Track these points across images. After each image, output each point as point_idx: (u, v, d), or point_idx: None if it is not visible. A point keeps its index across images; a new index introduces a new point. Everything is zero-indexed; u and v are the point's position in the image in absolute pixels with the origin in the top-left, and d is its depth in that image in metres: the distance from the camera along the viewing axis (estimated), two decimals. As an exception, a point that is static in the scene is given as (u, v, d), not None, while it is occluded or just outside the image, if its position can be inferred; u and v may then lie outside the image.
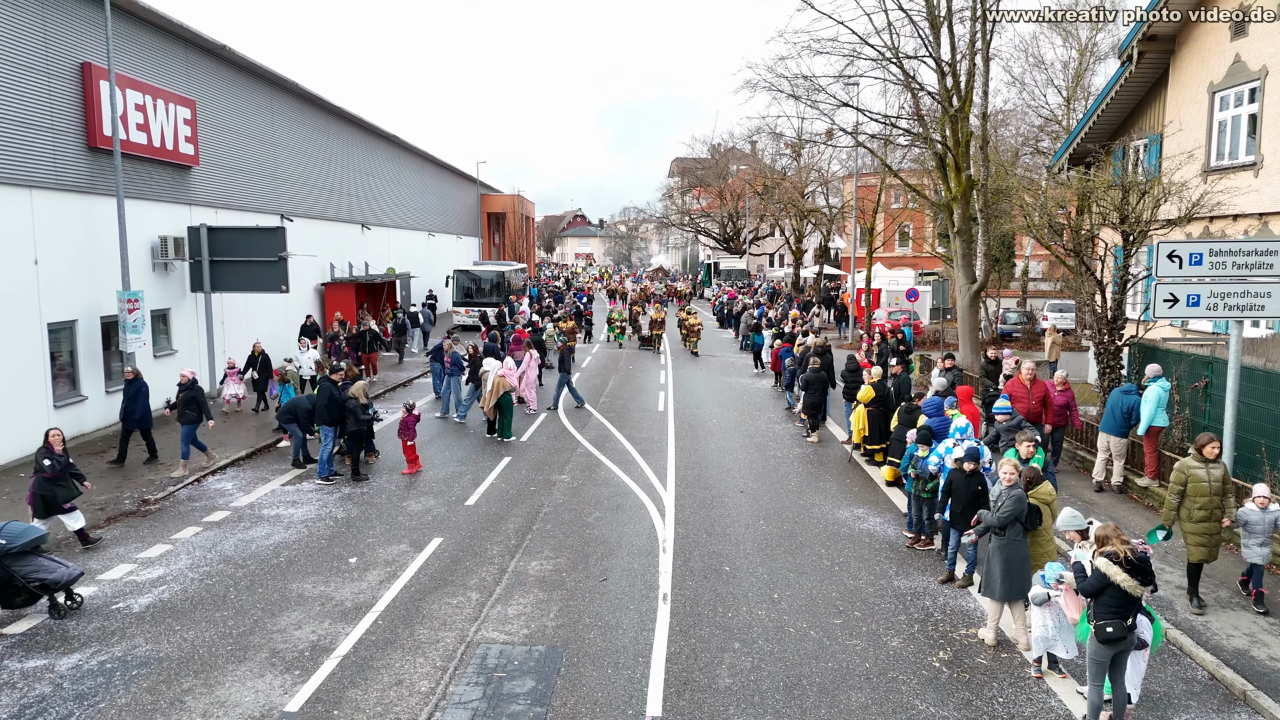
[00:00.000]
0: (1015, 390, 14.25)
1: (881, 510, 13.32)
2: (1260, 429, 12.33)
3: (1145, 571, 6.96)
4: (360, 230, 36.39)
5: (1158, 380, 13.34)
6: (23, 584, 9.23)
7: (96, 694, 7.83)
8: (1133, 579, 6.86)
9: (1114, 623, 6.93)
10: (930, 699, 7.80)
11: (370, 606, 9.72)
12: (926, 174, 34.89)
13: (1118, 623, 6.92)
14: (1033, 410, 14.05)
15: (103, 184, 18.24)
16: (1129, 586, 6.85)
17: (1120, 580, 6.85)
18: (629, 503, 13.70)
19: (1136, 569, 6.90)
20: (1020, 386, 14.34)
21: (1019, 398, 14.03)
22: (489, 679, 8.11)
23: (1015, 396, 13.95)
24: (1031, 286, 47.43)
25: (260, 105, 26.48)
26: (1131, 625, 6.98)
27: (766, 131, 39.93)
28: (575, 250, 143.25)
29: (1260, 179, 16.47)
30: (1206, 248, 11.59)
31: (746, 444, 17.81)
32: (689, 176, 75.82)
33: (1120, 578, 6.86)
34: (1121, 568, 6.88)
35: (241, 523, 12.75)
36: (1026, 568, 8.54)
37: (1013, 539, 8.56)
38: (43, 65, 16.62)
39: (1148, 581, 6.98)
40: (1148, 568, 7.00)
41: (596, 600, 9.90)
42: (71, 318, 17.44)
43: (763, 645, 8.83)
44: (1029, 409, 13.97)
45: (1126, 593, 6.88)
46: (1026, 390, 14.27)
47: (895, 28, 24.09)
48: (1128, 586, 6.85)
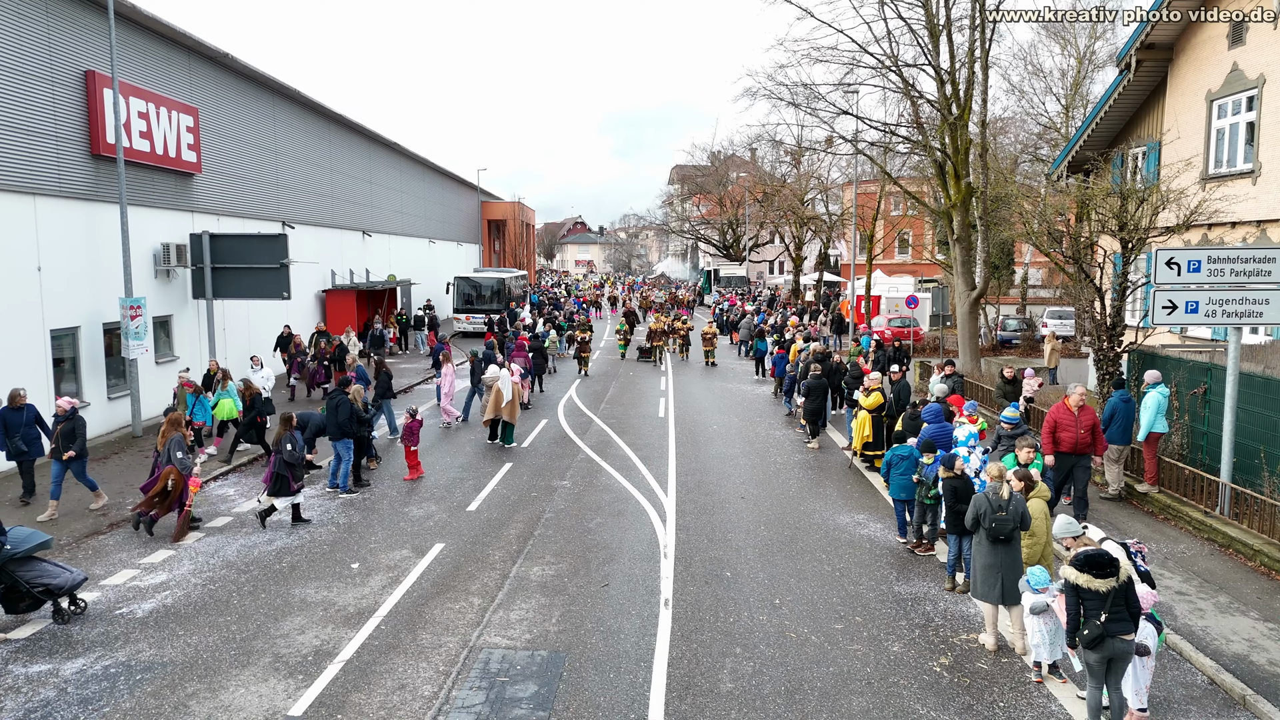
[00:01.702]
0: (1061, 418, 12.38)
1: (882, 516, 13.35)
2: (1259, 435, 12.37)
3: (1098, 565, 6.93)
4: (361, 237, 36.49)
5: (1156, 386, 13.38)
6: (27, 589, 9.27)
7: (101, 699, 7.86)
8: (1084, 573, 6.90)
9: (1089, 624, 6.97)
10: (931, 704, 7.83)
11: (373, 611, 9.75)
12: (926, 181, 35.02)
13: (1091, 623, 6.95)
14: (1081, 441, 12.31)
15: (106, 191, 18.33)
16: (1084, 582, 6.89)
17: (1074, 579, 6.92)
18: (630, 508, 13.74)
19: (1088, 563, 6.92)
20: (1067, 414, 12.38)
21: (1065, 426, 12.30)
22: (492, 684, 8.14)
23: (1061, 425, 12.29)
24: (1030, 293, 47.50)
25: (262, 113, 26.60)
26: (1109, 620, 6.93)
27: (766, 139, 40.11)
28: (575, 257, 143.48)
29: (1258, 186, 16.56)
30: (1205, 255, 11.67)
31: (747, 450, 17.85)
32: (689, 184, 76.07)
33: (1074, 576, 6.93)
34: (1074, 565, 6.95)
35: (244, 528, 12.78)
36: (1018, 572, 8.60)
37: (979, 542, 8.66)
38: (47, 73, 16.72)
39: (1104, 574, 6.91)
40: (1100, 560, 6.96)
41: (598, 605, 9.93)
42: (74, 324, 17.50)
43: (764, 650, 8.86)
44: (1076, 439, 12.28)
45: (1099, 592, 6.90)
46: (1074, 418, 12.34)
47: (894, 36, 24.32)
48: (1083, 583, 6.89)
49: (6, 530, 9.42)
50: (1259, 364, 13.36)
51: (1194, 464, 13.46)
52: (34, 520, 12.57)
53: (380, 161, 39.32)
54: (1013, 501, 8.63)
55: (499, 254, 67.96)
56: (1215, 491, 12.27)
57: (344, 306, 31.33)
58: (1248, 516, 11.64)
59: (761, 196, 56.54)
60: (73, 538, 12.17)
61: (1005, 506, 8.58)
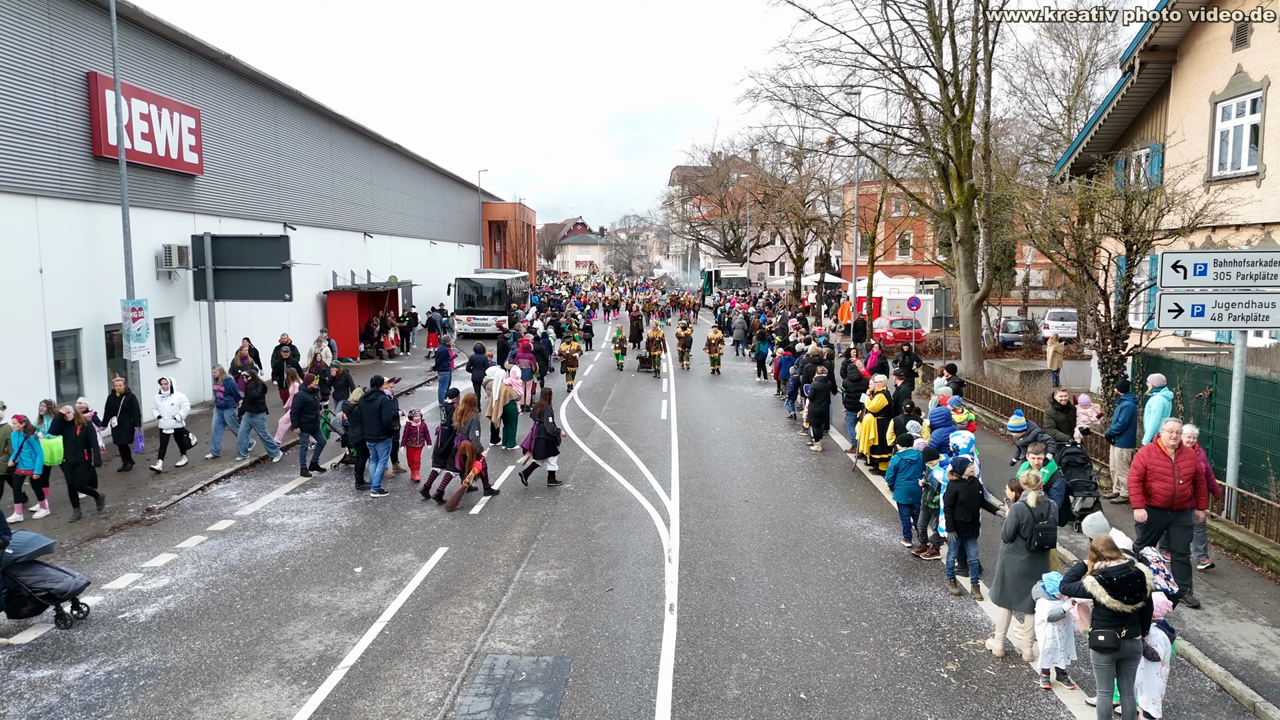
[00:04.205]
0: (1154, 464, 9.80)
1: (886, 520, 13.31)
2: (1265, 439, 12.33)
3: (1131, 590, 6.88)
4: (363, 238, 36.45)
5: (1160, 390, 13.34)
6: (29, 593, 9.21)
7: (104, 704, 7.81)
8: (1116, 599, 6.86)
9: (1105, 632, 6.97)
10: (939, 710, 7.78)
11: (377, 616, 9.71)
12: (928, 182, 34.98)
13: (1110, 632, 6.95)
14: (1180, 493, 9.67)
15: (107, 193, 18.29)
16: (1115, 606, 6.87)
17: (1105, 601, 6.89)
18: (633, 511, 13.69)
19: (1121, 587, 6.89)
20: (1161, 459, 9.77)
21: (1159, 475, 9.70)
22: (497, 690, 8.10)
23: (1154, 473, 9.73)
24: (1032, 295, 47.46)
25: (264, 114, 26.57)
26: (1127, 636, 6.96)
27: (768, 141, 40.04)
28: (576, 258, 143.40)
29: (1263, 189, 16.52)
30: (1211, 258, 11.63)
31: (750, 453, 17.80)
32: (690, 185, 76.02)
33: (1105, 599, 6.89)
34: (1105, 587, 6.90)
35: (246, 531, 12.74)
36: (1027, 579, 8.56)
37: (1014, 550, 8.60)
38: (49, 75, 16.68)
39: (1135, 599, 6.88)
40: (1134, 585, 6.90)
41: (603, 610, 9.89)
42: (76, 326, 17.47)
43: (770, 656, 8.81)
44: (1173, 491, 9.65)
45: (1125, 614, 6.90)
46: (1170, 465, 9.75)
47: (897, 38, 24.34)
48: (1114, 607, 6.88)
49: (10, 534, 9.38)
50: (1265, 367, 13.32)
51: (1199, 468, 13.40)
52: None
53: (381, 163, 39.29)
54: (1050, 510, 8.66)
55: (499, 255, 67.94)
56: (1221, 495, 12.22)
57: (345, 308, 31.29)
58: (1254, 520, 11.60)
59: (762, 197, 56.53)
60: (75, 541, 12.13)
61: (1046, 514, 8.58)
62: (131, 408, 15.44)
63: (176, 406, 15.88)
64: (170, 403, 15.83)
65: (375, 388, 14.76)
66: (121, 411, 15.26)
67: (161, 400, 15.89)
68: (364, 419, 14.59)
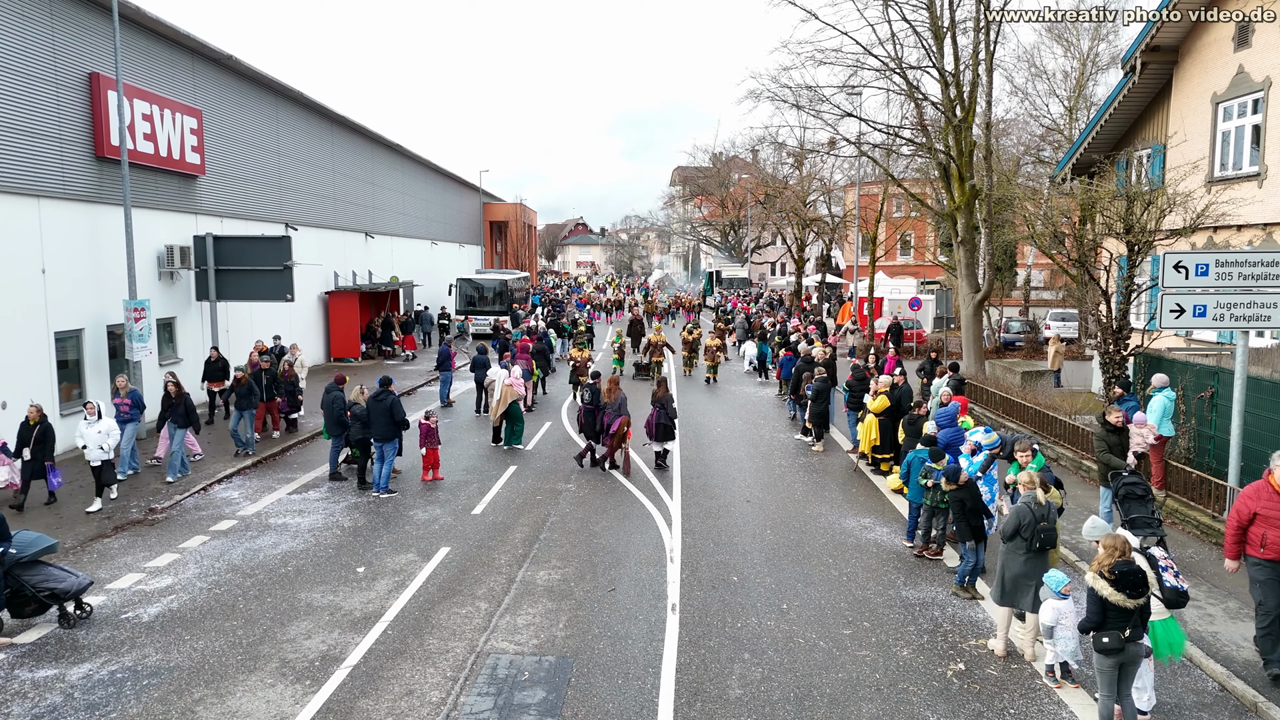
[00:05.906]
0: (1265, 509, 8.08)
1: (888, 520, 13.32)
2: (1266, 439, 12.32)
3: (1134, 584, 6.90)
4: (364, 239, 36.48)
5: (1162, 390, 13.35)
6: (32, 593, 9.24)
7: (108, 704, 7.83)
8: (1119, 592, 6.86)
9: (1109, 633, 6.95)
10: (942, 710, 7.79)
11: (379, 616, 9.72)
12: (929, 183, 34.98)
13: (1114, 634, 6.94)
14: None
15: (110, 193, 18.31)
16: (1117, 600, 6.86)
17: (1107, 595, 6.89)
18: (635, 512, 13.71)
19: (1123, 581, 6.90)
20: (1273, 501, 8.07)
21: (1273, 521, 8.00)
22: (500, 690, 8.11)
23: (1266, 518, 8.04)
24: (1033, 295, 47.48)
25: (266, 115, 26.60)
26: (1131, 637, 6.96)
27: (769, 141, 40.06)
28: (577, 259, 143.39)
29: (1264, 190, 16.52)
30: (1213, 258, 11.63)
31: (751, 453, 17.81)
32: (691, 185, 76.04)
33: (1106, 592, 6.89)
34: (1108, 581, 6.90)
35: (249, 531, 12.75)
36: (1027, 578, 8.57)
37: (1015, 549, 8.61)
38: (51, 75, 16.71)
39: (1138, 594, 6.90)
40: (1136, 580, 6.93)
41: (605, 610, 9.90)
42: (78, 326, 17.50)
43: (772, 656, 8.82)
44: None
45: (1128, 610, 6.90)
46: None
47: (899, 39, 24.25)
48: (1116, 600, 6.87)
49: (12, 534, 9.40)
50: (1266, 367, 13.31)
51: (1201, 468, 13.42)
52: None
53: (383, 163, 39.32)
54: (1050, 509, 8.67)
55: (500, 255, 67.97)
56: (1223, 495, 12.21)
57: (347, 308, 31.32)
58: (1256, 521, 11.58)
59: (763, 198, 56.51)
60: (78, 541, 12.15)
61: (1047, 515, 8.59)
62: (45, 439, 13.32)
63: (104, 435, 13.22)
64: (97, 430, 13.16)
65: (384, 387, 14.70)
66: (34, 443, 13.20)
67: (88, 428, 13.18)
68: (373, 419, 14.55)
